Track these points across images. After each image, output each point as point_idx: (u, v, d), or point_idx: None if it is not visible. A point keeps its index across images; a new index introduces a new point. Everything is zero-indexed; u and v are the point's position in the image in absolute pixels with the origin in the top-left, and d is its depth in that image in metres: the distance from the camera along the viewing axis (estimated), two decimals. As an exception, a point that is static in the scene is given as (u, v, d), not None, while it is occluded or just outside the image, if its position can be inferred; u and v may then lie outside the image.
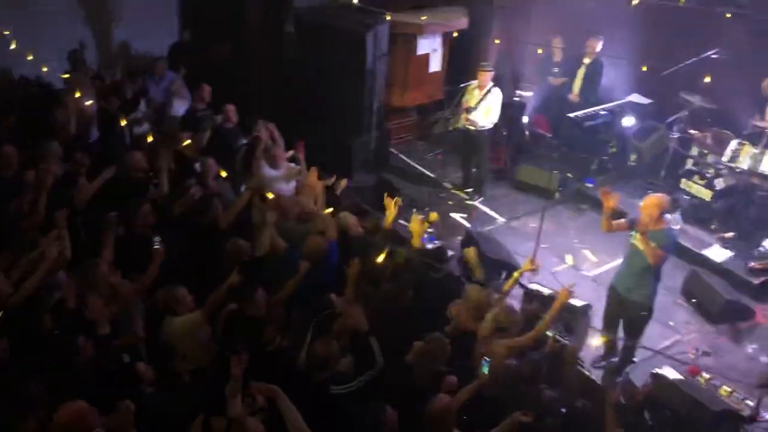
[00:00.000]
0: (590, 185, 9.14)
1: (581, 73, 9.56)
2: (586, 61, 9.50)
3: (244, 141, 7.85)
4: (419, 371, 4.75)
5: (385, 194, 6.60)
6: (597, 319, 6.56)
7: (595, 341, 6.46)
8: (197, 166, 6.91)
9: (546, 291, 6.68)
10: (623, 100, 9.47)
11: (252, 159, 7.10)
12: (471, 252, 6.68)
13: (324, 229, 6.01)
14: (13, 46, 5.54)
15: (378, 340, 4.93)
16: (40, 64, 6.13)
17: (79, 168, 6.74)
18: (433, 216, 6.55)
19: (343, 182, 7.34)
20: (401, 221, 7.12)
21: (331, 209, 6.49)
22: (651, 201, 5.83)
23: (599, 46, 9.37)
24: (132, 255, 5.60)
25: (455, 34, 9.66)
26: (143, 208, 5.86)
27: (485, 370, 4.94)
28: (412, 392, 4.59)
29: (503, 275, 7.40)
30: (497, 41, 8.74)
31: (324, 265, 5.76)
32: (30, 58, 5.44)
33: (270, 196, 6.23)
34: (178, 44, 10.21)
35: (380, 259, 5.40)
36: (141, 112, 8.27)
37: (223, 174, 6.95)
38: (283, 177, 7.14)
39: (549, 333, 5.50)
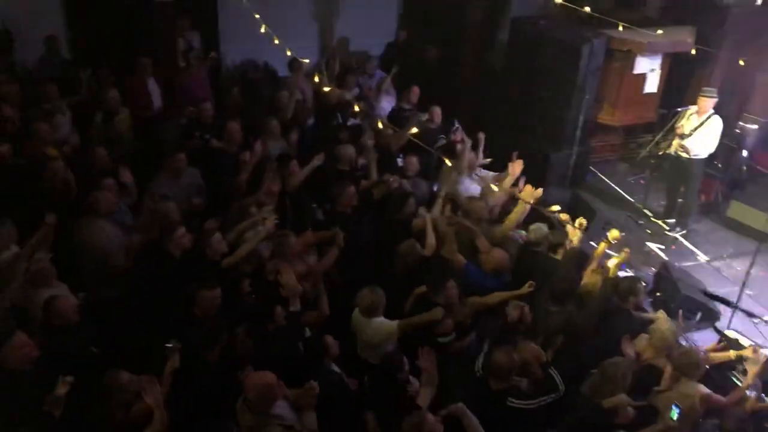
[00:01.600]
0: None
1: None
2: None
3: (444, 142, 8.03)
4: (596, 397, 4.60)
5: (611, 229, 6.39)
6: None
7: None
8: (399, 161, 7.17)
9: (745, 342, 6.14)
10: None
11: (448, 160, 7.22)
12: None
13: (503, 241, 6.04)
14: (263, 30, 6.12)
15: (555, 363, 4.85)
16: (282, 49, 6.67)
17: (293, 150, 7.31)
18: (614, 234, 6.22)
19: (538, 192, 7.20)
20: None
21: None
22: None
23: None
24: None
25: (677, 56, 9.10)
26: (349, 189, 6.27)
27: (674, 416, 4.63)
28: (592, 421, 4.46)
29: (698, 316, 6.93)
30: (741, 63, 8.10)
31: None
32: (276, 42, 5.94)
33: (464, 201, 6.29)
34: (393, 44, 10.65)
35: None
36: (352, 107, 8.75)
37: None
38: (487, 186, 7.14)
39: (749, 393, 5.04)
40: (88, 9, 9.13)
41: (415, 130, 7.31)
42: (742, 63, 8.08)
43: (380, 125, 7.50)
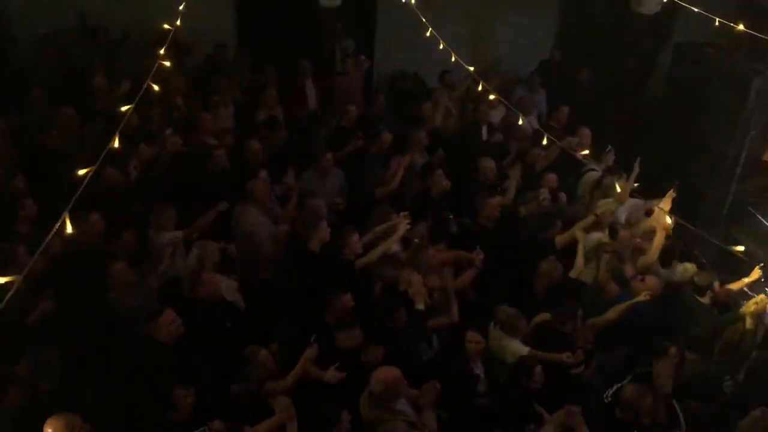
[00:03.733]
0: None
1: None
2: None
3: (593, 167, 7.77)
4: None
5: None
6: None
7: None
8: (543, 181, 7.06)
9: None
10: None
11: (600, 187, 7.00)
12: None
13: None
14: (428, 33, 6.28)
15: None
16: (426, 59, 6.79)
17: (437, 161, 7.40)
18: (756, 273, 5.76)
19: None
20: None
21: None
22: None
23: None
24: (471, 244, 6.03)
25: None
26: (492, 201, 6.24)
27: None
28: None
29: None
30: None
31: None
32: (442, 46, 6.05)
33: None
34: (547, 62, 10.48)
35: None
36: (495, 122, 8.70)
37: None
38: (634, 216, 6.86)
39: None
40: (258, 13, 9.69)
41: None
42: None
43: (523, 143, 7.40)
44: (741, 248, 6.00)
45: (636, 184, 7.56)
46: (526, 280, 5.91)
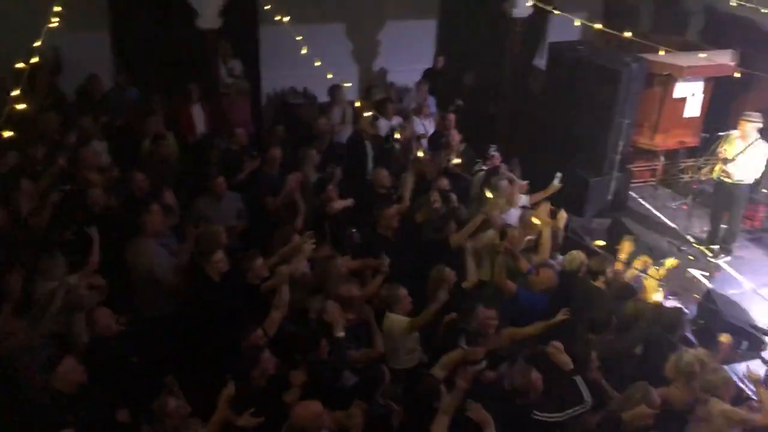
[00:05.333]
0: None
1: None
2: None
3: (482, 167, 8.03)
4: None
5: (623, 240, 6.34)
6: None
7: None
8: (435, 184, 7.20)
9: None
10: None
11: (488, 185, 7.22)
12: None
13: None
14: (304, 51, 6.22)
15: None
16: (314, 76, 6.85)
17: (331, 177, 7.42)
18: (672, 262, 6.13)
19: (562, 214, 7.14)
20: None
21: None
22: None
23: None
24: (374, 251, 6.09)
25: (719, 80, 8.99)
26: (389, 210, 6.32)
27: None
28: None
29: (743, 345, 6.76)
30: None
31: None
32: (318, 63, 6.03)
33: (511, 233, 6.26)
34: (431, 70, 10.74)
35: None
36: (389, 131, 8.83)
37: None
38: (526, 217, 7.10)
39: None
40: (136, 36, 9.42)
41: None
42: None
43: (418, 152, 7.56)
44: (601, 243, 6.44)
45: (526, 182, 7.90)
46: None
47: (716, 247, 8.35)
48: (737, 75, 8.06)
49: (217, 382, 4.51)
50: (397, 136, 8.45)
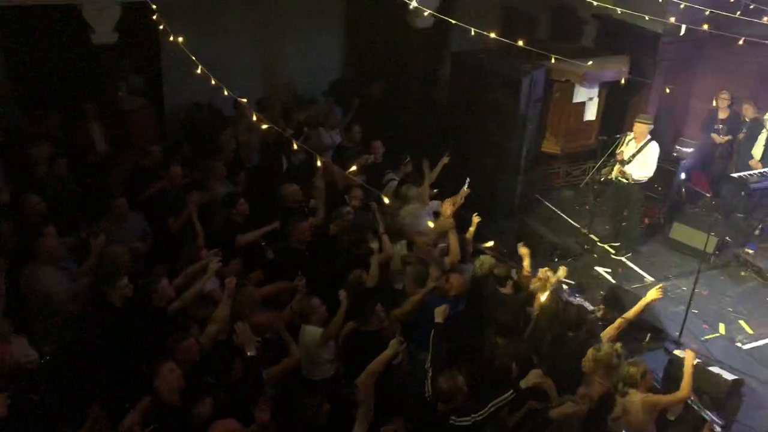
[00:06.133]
0: (751, 251, 8.49)
1: (764, 138, 8.95)
2: (770, 123, 8.92)
3: (393, 176, 8.08)
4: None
5: (520, 244, 6.52)
6: (750, 396, 6.05)
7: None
8: (347, 197, 7.19)
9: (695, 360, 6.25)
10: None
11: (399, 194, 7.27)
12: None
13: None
14: (198, 71, 6.07)
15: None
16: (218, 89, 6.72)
17: (240, 189, 7.28)
18: (562, 271, 6.37)
19: (475, 219, 7.27)
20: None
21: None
22: None
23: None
24: (287, 266, 6.04)
25: (614, 84, 9.39)
26: (301, 224, 6.27)
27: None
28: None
29: (647, 337, 7.07)
30: (667, 90, 8.41)
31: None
32: (213, 83, 5.90)
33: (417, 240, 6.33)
34: (339, 81, 10.75)
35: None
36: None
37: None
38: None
39: (705, 416, 5.14)
40: (29, 54, 8.99)
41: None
42: (668, 90, 8.37)
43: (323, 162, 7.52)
44: (490, 243, 6.79)
45: (435, 190, 8.01)
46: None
47: (618, 244, 8.72)
48: (624, 80, 8.41)
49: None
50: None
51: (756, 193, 8.61)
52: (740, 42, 6.65)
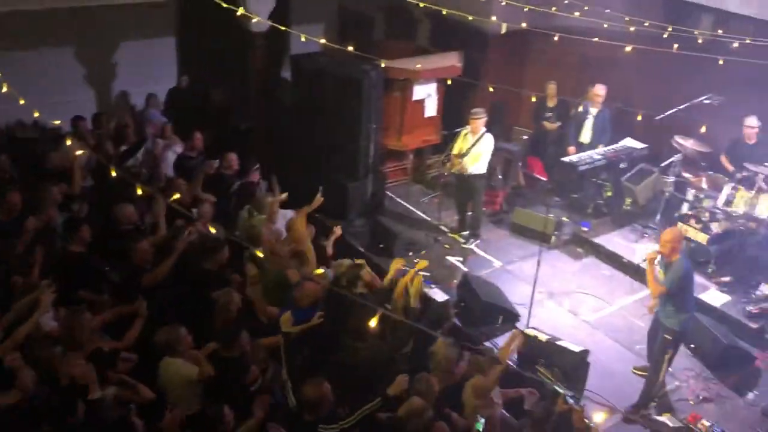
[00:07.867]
0: (586, 229, 9.15)
1: (589, 123, 9.62)
2: (593, 111, 9.56)
3: (239, 186, 7.88)
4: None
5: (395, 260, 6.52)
6: (595, 364, 6.50)
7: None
8: (195, 211, 6.91)
9: (543, 336, 6.63)
10: (617, 145, 9.53)
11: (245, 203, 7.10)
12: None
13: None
14: (4, 89, 5.57)
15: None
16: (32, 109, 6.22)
17: (78, 215, 6.80)
18: (422, 264, 6.49)
19: (337, 230, 7.32)
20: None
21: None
22: (673, 234, 6.10)
23: (604, 94, 9.46)
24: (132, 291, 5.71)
25: (450, 81, 9.72)
26: (139, 245, 5.94)
27: (479, 427, 4.89)
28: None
29: (500, 320, 7.39)
30: (491, 88, 8.81)
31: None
32: (22, 102, 5.45)
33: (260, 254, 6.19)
34: (176, 90, 10.34)
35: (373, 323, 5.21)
36: (138, 160, 8.32)
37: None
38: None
39: (558, 390, 5.42)
40: None
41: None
42: (491, 89, 8.79)
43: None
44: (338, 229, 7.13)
45: (284, 195, 7.88)
46: (203, 312, 5.74)
47: (466, 233, 9.06)
48: (459, 75, 8.73)
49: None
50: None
51: (585, 173, 9.25)
52: (555, 38, 7.11)
